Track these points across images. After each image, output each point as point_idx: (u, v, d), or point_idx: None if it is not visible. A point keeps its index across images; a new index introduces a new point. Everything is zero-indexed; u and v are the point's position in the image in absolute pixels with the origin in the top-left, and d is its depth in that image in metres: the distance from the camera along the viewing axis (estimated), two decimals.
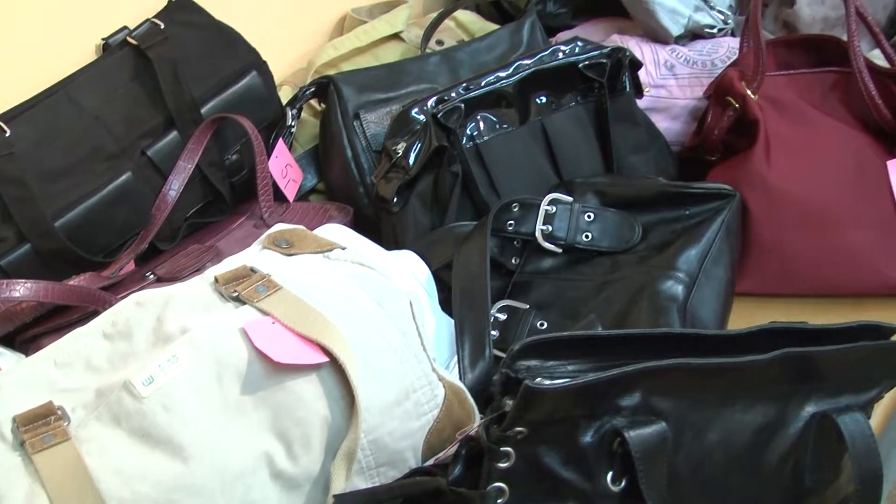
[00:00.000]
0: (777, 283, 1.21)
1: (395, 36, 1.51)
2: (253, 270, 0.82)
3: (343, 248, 0.87)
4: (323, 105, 1.31)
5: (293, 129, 1.27)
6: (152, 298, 0.80)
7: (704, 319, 1.05)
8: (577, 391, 0.66)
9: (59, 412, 0.72)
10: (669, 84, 1.39)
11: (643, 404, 0.70)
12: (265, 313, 0.76)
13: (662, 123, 1.37)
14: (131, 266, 1.15)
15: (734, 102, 1.23)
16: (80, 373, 0.76)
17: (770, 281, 1.21)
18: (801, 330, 0.78)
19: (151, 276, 1.11)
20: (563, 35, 1.53)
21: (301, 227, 0.91)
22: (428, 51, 1.45)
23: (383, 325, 0.79)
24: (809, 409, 0.76)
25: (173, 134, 1.18)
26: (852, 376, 0.79)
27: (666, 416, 0.71)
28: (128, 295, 0.87)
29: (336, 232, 0.96)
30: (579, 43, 1.25)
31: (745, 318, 1.11)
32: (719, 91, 1.26)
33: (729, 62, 1.37)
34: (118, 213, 1.14)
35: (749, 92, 1.22)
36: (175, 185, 1.18)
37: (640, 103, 1.31)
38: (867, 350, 0.77)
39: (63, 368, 0.76)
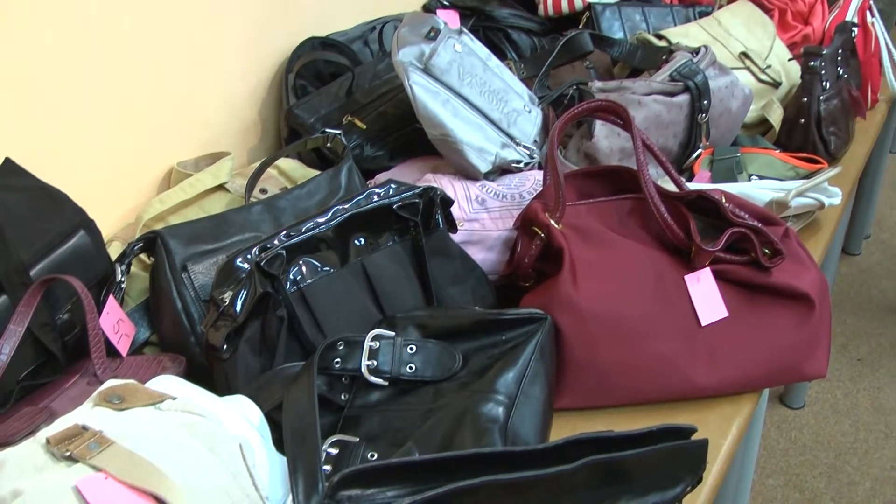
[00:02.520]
0: (595, 396, 1.29)
1: (221, 187, 1.57)
2: (85, 428, 0.84)
3: (174, 399, 0.90)
4: (152, 259, 1.35)
5: (123, 285, 1.30)
6: None
7: (525, 437, 1.11)
8: None
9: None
10: (482, 217, 1.48)
11: None
12: (98, 469, 0.79)
13: (478, 255, 1.45)
14: None
15: (540, 232, 1.32)
16: None
17: (588, 395, 1.29)
18: (606, 438, 0.85)
19: None
20: (381, 177, 1.61)
21: (133, 381, 0.94)
22: (252, 200, 1.50)
23: (215, 469, 0.83)
24: None
25: (3, 298, 1.18)
26: (657, 476, 0.85)
27: None
28: None
29: (167, 383, 0.99)
30: (393, 185, 1.32)
31: (569, 430, 1.17)
32: (526, 222, 1.36)
33: (535, 194, 1.47)
34: None
35: (553, 222, 1.32)
36: (6, 350, 1.18)
37: (456, 237, 1.39)
38: (667, 451, 0.85)
39: None
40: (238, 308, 1.15)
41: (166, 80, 1.63)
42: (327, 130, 1.59)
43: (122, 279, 1.30)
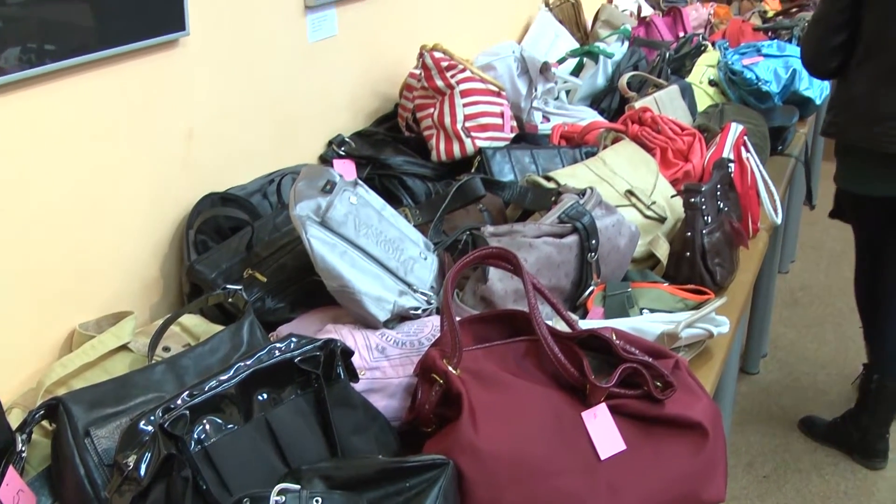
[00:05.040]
0: None
1: (124, 347, 1.58)
2: None
3: None
4: (54, 425, 1.35)
5: (24, 454, 1.29)
6: None
7: None
8: None
9: None
10: (383, 365, 1.52)
11: None
12: None
13: (381, 402, 1.48)
14: None
15: (438, 379, 1.36)
16: None
17: None
18: None
19: None
20: (283, 329, 1.64)
21: None
22: (156, 359, 1.51)
23: None
24: None
25: None
26: None
27: None
28: None
29: None
30: (294, 339, 1.35)
31: None
32: (425, 369, 1.40)
33: (433, 340, 1.51)
34: None
35: (450, 368, 1.36)
36: None
37: (358, 385, 1.42)
38: None
39: None
40: (142, 472, 1.15)
41: (65, 239, 1.65)
42: (228, 287, 1.62)
43: (23, 448, 1.29)
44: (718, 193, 2.12)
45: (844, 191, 3.17)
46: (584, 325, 1.65)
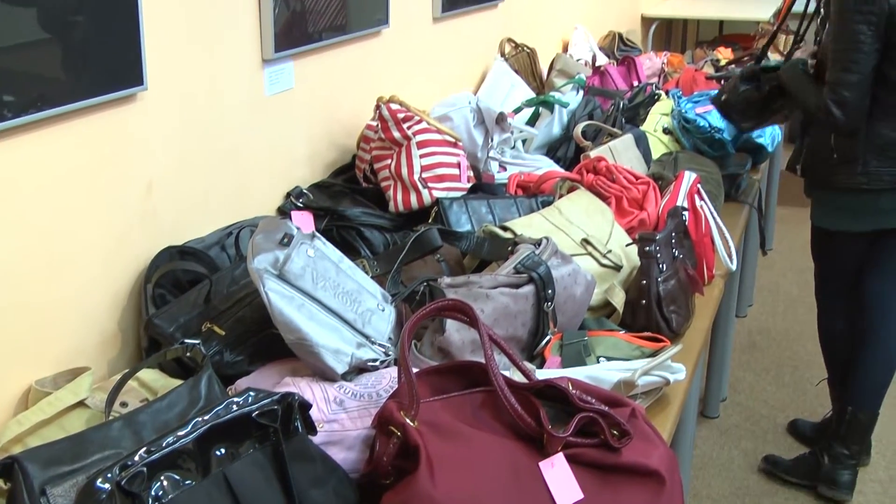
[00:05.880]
0: None
1: (81, 403, 1.57)
2: None
3: None
4: (9, 484, 1.34)
5: None
6: None
7: None
8: None
9: None
10: (341, 418, 1.52)
11: None
12: None
13: (339, 455, 1.48)
14: None
15: (396, 431, 1.37)
16: None
17: None
18: None
19: None
20: (241, 382, 1.64)
21: None
22: (113, 414, 1.51)
23: None
24: None
25: None
26: None
27: None
28: None
29: None
30: (251, 393, 1.35)
31: None
32: (382, 422, 1.40)
33: (392, 391, 1.52)
34: None
35: (408, 420, 1.37)
36: None
37: (316, 438, 1.42)
38: None
39: None
40: None
41: (21, 294, 1.65)
42: (186, 341, 1.62)
43: None
44: (673, 241, 2.15)
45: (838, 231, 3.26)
46: (541, 374, 1.67)
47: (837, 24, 2.87)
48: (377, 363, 1.65)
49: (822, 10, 3.09)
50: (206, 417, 1.30)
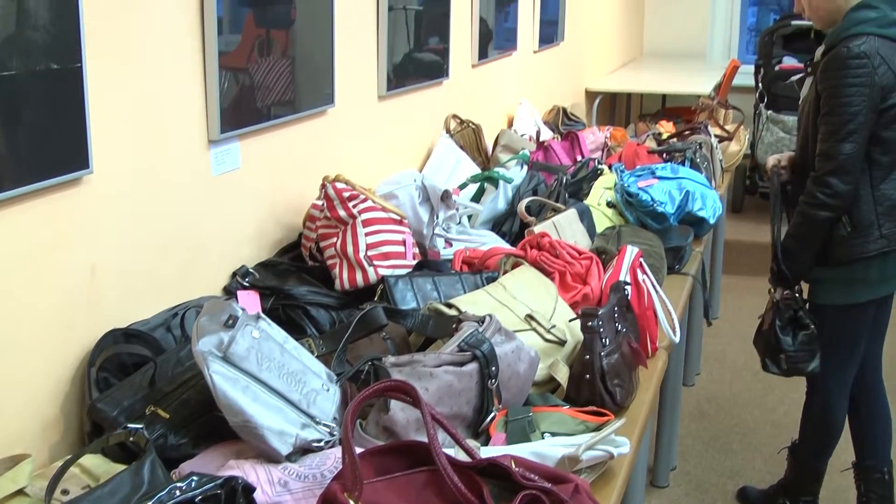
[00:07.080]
0: None
1: (20, 492, 1.55)
2: None
3: None
4: None
5: None
6: None
7: None
8: None
9: None
10: (285, 500, 1.52)
11: None
12: None
13: None
14: None
15: None
16: None
17: None
18: None
19: None
20: (185, 466, 1.64)
21: None
22: (55, 503, 1.50)
23: None
24: None
25: None
26: None
27: None
28: None
29: None
30: (195, 478, 1.35)
31: None
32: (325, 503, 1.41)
33: (336, 472, 1.52)
34: None
35: (351, 501, 1.37)
36: None
37: None
38: None
39: None
40: None
41: None
42: (129, 426, 1.62)
43: None
44: (616, 315, 2.18)
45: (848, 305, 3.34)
46: (485, 452, 1.68)
47: (831, 97, 3.03)
48: (322, 444, 1.65)
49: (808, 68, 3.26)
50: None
